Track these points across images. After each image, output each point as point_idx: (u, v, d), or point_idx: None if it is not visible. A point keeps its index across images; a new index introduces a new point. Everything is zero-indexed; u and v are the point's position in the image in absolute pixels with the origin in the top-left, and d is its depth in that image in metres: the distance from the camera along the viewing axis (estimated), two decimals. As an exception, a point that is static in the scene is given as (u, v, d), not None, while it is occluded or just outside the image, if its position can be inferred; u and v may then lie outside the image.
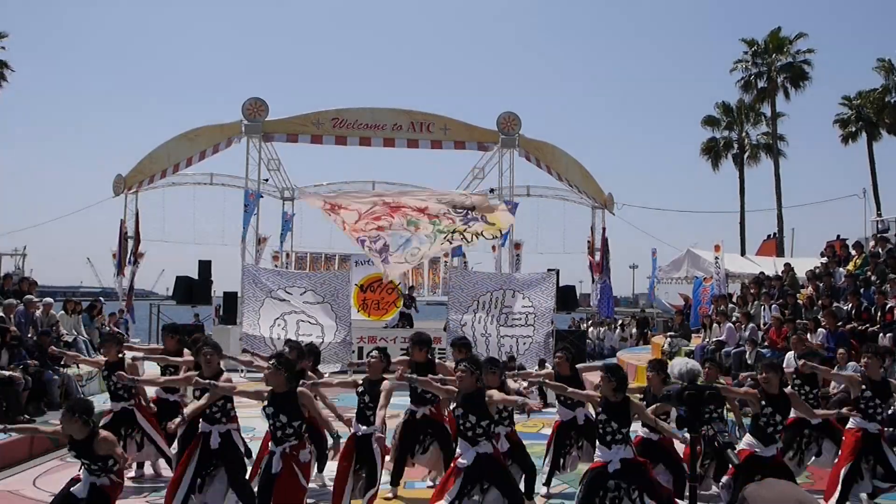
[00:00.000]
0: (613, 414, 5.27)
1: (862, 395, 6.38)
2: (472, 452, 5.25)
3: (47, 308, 11.86)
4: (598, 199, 21.96)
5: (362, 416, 6.10)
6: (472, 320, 13.35)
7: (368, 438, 6.03)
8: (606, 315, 23.17)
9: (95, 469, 5.00)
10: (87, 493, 4.97)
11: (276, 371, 5.27)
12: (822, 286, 13.31)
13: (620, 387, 5.33)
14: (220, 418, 5.85)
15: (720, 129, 35.12)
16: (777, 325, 11.66)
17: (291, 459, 5.16)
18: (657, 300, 26.11)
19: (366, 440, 6.03)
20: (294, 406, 5.26)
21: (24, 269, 38.24)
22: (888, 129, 31.51)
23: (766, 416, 5.85)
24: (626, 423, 5.27)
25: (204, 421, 5.87)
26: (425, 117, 19.88)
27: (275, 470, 5.12)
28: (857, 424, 6.40)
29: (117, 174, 19.86)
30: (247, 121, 19.03)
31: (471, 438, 5.29)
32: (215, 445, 5.72)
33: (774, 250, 29.66)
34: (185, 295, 19.32)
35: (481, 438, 5.30)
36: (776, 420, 5.86)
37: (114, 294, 23.65)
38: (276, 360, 5.37)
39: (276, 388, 5.28)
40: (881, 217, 20.32)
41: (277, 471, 5.11)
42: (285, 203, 24.36)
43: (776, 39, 32.54)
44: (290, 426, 5.20)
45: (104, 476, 5.02)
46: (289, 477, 5.12)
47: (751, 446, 5.87)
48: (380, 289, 20.96)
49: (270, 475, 5.14)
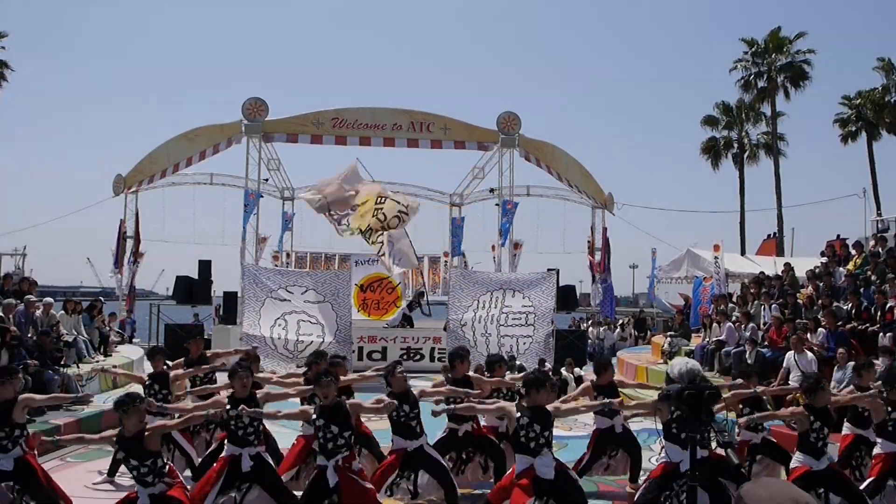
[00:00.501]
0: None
1: (889, 417, 6.07)
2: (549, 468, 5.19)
3: (47, 308, 11.87)
4: (598, 198, 21.97)
5: (407, 429, 5.98)
6: (472, 320, 13.37)
7: (421, 449, 5.97)
8: (608, 315, 23.17)
9: (145, 471, 4.91)
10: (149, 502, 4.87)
11: (329, 384, 5.30)
12: (822, 286, 13.30)
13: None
14: (253, 441, 5.66)
15: (720, 129, 35.10)
16: (777, 325, 11.66)
17: (346, 471, 5.12)
18: (657, 300, 26.10)
19: (420, 451, 5.96)
20: (344, 417, 5.25)
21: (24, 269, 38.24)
22: (888, 128, 31.49)
23: (815, 430, 5.78)
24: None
25: (234, 444, 5.64)
26: (425, 117, 19.89)
27: (331, 483, 5.07)
28: (885, 449, 6.08)
29: (117, 174, 19.89)
30: (247, 121, 19.03)
31: (533, 450, 5.23)
32: (247, 468, 5.56)
33: (774, 250, 29.65)
34: (185, 295, 19.31)
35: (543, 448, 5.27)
36: (825, 433, 5.80)
37: (114, 294, 23.68)
38: (325, 372, 5.43)
39: (325, 401, 5.29)
40: (881, 217, 20.27)
41: (333, 484, 5.06)
42: (285, 203, 24.38)
43: (776, 39, 32.53)
44: (341, 437, 5.18)
45: (158, 482, 4.94)
46: (352, 485, 5.08)
47: (803, 463, 5.77)
48: (380, 289, 20.98)
49: (326, 487, 5.08)
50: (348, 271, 16.84)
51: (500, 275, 16.32)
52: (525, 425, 5.25)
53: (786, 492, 1.86)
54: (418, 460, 5.97)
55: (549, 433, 5.31)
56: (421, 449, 5.98)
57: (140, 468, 4.91)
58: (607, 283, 22.56)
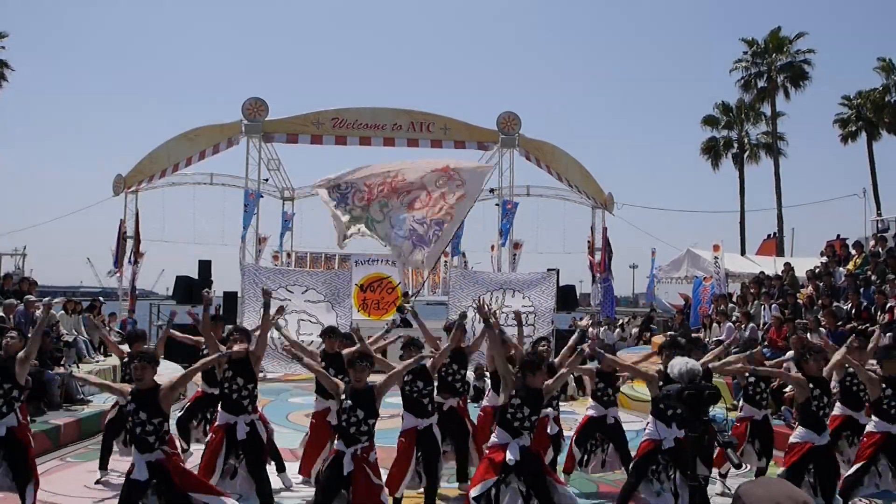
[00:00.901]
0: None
1: (883, 394, 6.06)
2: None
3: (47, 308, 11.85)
4: (598, 198, 21.97)
5: (419, 406, 5.94)
6: (472, 320, 13.39)
7: (430, 429, 5.97)
8: (608, 315, 23.16)
9: (150, 430, 4.84)
10: (147, 472, 4.80)
11: (364, 369, 5.18)
12: (822, 286, 13.32)
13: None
14: (247, 406, 5.66)
15: (720, 129, 35.09)
16: (777, 325, 11.67)
17: (363, 462, 5.06)
18: (657, 300, 26.09)
19: (429, 431, 5.96)
20: (372, 403, 5.14)
21: (24, 269, 38.26)
22: (888, 128, 31.47)
23: (816, 398, 5.77)
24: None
25: (228, 411, 5.66)
26: (425, 117, 19.89)
27: (346, 471, 4.98)
28: (879, 428, 6.09)
29: (117, 174, 19.87)
30: (247, 121, 19.04)
31: (515, 430, 5.19)
32: (242, 436, 5.54)
33: (774, 250, 29.64)
34: (185, 295, 19.28)
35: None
36: (824, 402, 5.80)
37: (114, 294, 23.67)
38: (361, 357, 5.28)
39: (357, 384, 5.17)
40: (881, 217, 20.27)
41: (349, 472, 4.98)
42: (285, 203, 24.38)
43: (776, 39, 32.53)
44: (365, 423, 5.08)
45: (158, 447, 4.88)
46: (364, 479, 5.02)
47: (805, 438, 5.74)
48: (380, 289, 20.95)
49: (341, 475, 4.99)
50: (348, 271, 16.85)
51: (500, 275, 16.34)
52: (517, 405, 5.21)
53: (784, 491, 1.86)
54: (426, 440, 5.94)
55: (536, 418, 5.30)
56: (430, 429, 5.96)
57: (146, 425, 4.85)
58: (608, 283, 22.55)
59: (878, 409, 6.11)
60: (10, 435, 5.43)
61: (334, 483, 5.03)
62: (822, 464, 5.70)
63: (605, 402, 7.03)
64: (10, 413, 5.49)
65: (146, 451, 4.84)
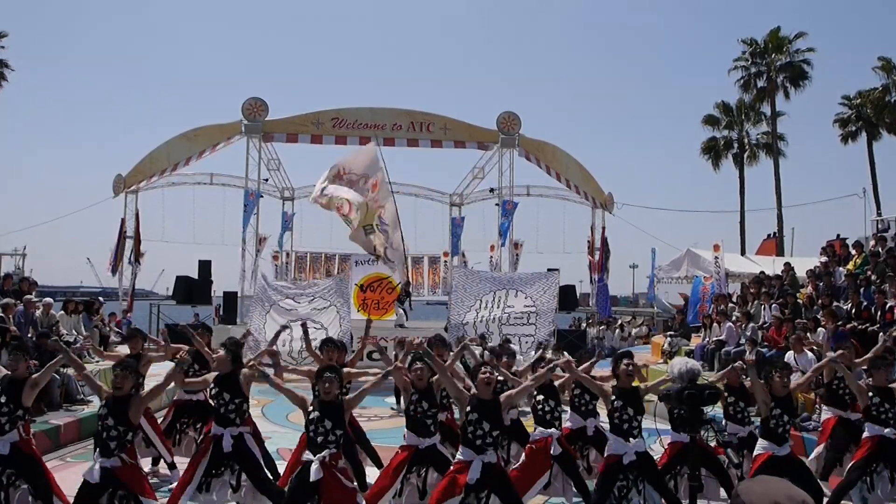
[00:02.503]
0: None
1: (871, 402, 6.28)
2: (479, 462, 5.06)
3: (47, 308, 11.87)
4: (597, 198, 21.97)
5: (422, 426, 5.83)
6: (473, 319, 13.38)
7: (434, 448, 5.84)
8: (604, 314, 23.18)
9: (115, 435, 4.95)
10: (100, 476, 4.88)
11: (332, 380, 5.22)
12: (822, 285, 13.31)
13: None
14: (234, 419, 5.69)
15: (720, 129, 35.10)
16: (777, 325, 11.66)
17: (332, 468, 5.04)
18: (657, 300, 26.11)
19: (432, 449, 5.82)
20: (340, 414, 5.19)
21: (24, 269, 38.31)
22: (888, 128, 31.46)
23: (775, 417, 5.84)
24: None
25: (217, 423, 5.70)
26: (425, 117, 19.88)
27: (313, 478, 4.95)
28: (872, 432, 6.23)
29: (117, 174, 19.90)
30: (247, 121, 19.03)
31: (478, 448, 5.09)
32: (228, 448, 5.55)
33: (774, 250, 29.66)
34: (185, 295, 19.32)
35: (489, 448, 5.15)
36: (784, 420, 5.85)
37: (114, 294, 23.67)
38: (330, 370, 5.34)
39: (326, 396, 5.22)
40: (881, 216, 20.25)
41: (316, 479, 4.94)
42: (285, 203, 24.38)
43: (776, 39, 32.53)
44: (332, 433, 5.11)
45: (117, 454, 4.95)
46: (335, 483, 5.00)
47: (766, 449, 5.83)
48: (380, 289, 20.95)
49: (307, 483, 4.96)
50: (348, 276, 16.89)
51: (502, 274, 16.32)
52: (473, 421, 5.11)
53: (783, 489, 1.86)
54: (430, 458, 5.81)
55: (497, 433, 5.21)
56: (434, 447, 5.84)
57: (111, 430, 4.96)
58: (602, 283, 22.56)
59: (869, 416, 6.32)
60: (16, 451, 5.37)
61: (302, 492, 5.01)
62: (792, 473, 5.67)
63: (583, 413, 6.92)
64: (13, 430, 5.47)
65: (104, 456, 4.95)
